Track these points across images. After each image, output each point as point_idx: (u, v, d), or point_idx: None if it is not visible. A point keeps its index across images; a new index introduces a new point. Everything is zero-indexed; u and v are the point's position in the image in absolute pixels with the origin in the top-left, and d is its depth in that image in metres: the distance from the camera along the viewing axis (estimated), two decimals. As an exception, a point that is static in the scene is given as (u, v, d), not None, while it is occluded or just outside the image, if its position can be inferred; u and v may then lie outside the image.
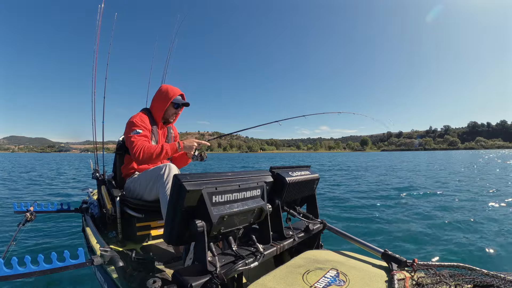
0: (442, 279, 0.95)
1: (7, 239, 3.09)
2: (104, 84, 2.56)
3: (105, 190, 1.92)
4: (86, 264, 1.10)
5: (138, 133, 1.68)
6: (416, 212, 4.61)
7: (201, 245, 0.96)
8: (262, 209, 1.17)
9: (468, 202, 5.41)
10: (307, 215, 1.60)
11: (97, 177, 2.28)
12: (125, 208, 1.70)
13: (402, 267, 1.12)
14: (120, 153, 1.93)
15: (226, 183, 1.04)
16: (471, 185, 7.92)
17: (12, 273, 1.01)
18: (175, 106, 1.90)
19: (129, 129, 1.72)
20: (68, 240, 3.23)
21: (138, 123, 1.73)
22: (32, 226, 3.38)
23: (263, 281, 0.96)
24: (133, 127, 1.71)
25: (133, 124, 1.73)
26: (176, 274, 0.92)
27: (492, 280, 0.92)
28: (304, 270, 1.04)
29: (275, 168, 1.41)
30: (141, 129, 1.71)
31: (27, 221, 2.11)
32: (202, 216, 0.95)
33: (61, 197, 6.50)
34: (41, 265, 1.03)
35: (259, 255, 1.10)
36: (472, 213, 4.51)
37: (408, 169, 14.97)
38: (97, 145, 2.76)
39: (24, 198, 6.20)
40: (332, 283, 0.93)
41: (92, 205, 2.16)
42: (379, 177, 11.04)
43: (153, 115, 1.90)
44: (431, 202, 5.48)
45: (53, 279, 2.18)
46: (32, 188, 8.06)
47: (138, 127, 1.71)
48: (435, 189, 7.15)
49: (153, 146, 1.64)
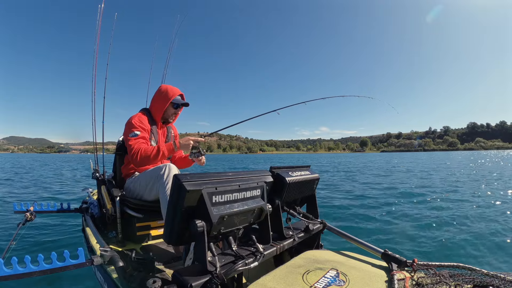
0: (442, 279, 0.95)
1: (7, 239, 3.09)
2: (104, 84, 2.56)
3: (105, 190, 1.92)
4: (86, 264, 1.10)
5: (136, 135, 1.68)
6: (415, 213, 4.61)
7: (201, 245, 0.96)
8: (262, 209, 1.17)
9: (468, 202, 5.41)
10: (307, 215, 1.60)
11: (97, 177, 2.28)
12: (125, 208, 1.70)
13: (402, 267, 1.12)
14: (120, 154, 1.93)
15: (226, 183, 1.04)
16: (472, 185, 7.93)
17: (12, 273, 1.01)
18: (174, 106, 1.90)
19: (128, 130, 1.72)
20: (68, 240, 3.22)
21: (136, 124, 1.73)
22: (32, 226, 3.39)
23: (263, 281, 0.96)
24: (131, 129, 1.71)
25: (131, 125, 1.73)
26: (176, 274, 0.92)
27: (492, 280, 0.92)
28: (304, 270, 1.04)
29: (275, 168, 1.42)
30: (139, 131, 1.71)
31: (27, 221, 2.11)
32: (202, 216, 0.95)
33: (62, 195, 6.51)
34: (41, 265, 1.03)
35: (259, 255, 1.10)
36: (471, 212, 4.52)
37: (405, 169, 14.98)
38: (97, 145, 2.76)
39: (23, 199, 6.19)
40: (332, 283, 0.93)
41: (92, 205, 2.16)
42: (377, 177, 11.04)
43: (153, 115, 1.90)
44: (431, 202, 5.48)
45: (53, 279, 2.18)
46: (32, 188, 8.05)
47: (136, 129, 1.71)
48: (436, 190, 7.16)
49: (150, 148, 1.63)
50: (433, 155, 58.99)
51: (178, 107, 1.93)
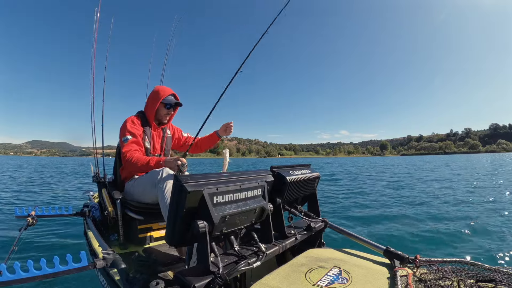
0: (444, 275, 0.95)
1: (9, 244, 3.09)
2: (103, 87, 2.56)
3: (106, 193, 1.92)
4: (89, 267, 1.10)
5: (128, 140, 1.71)
6: (419, 210, 4.61)
7: (203, 246, 0.96)
8: (264, 209, 1.17)
9: (469, 202, 5.41)
10: (308, 213, 1.60)
11: (98, 180, 2.28)
12: (126, 211, 1.70)
13: (405, 264, 1.12)
14: (120, 157, 1.93)
15: (227, 183, 1.04)
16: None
17: (15, 278, 1.00)
18: (166, 106, 1.90)
19: (121, 135, 1.75)
20: (70, 244, 3.23)
21: (128, 128, 1.75)
22: (34, 231, 3.39)
23: (266, 280, 0.96)
24: (125, 133, 1.73)
25: (124, 129, 1.75)
26: (178, 275, 0.92)
27: (495, 275, 0.92)
28: (307, 268, 1.04)
29: (276, 167, 1.42)
30: (131, 135, 1.73)
31: (28, 226, 2.10)
32: (203, 216, 0.95)
33: (65, 198, 6.51)
34: (44, 269, 1.03)
35: (262, 255, 1.10)
36: (472, 211, 4.52)
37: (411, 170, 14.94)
38: (97, 148, 2.75)
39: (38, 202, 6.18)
40: (335, 281, 0.93)
41: (93, 208, 2.16)
42: (384, 177, 11.05)
43: (147, 117, 1.90)
44: (435, 200, 5.48)
45: (56, 283, 2.18)
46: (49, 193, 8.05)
47: (129, 133, 1.73)
48: (438, 188, 7.16)
49: (141, 158, 1.64)
50: (454, 158, 57.43)
51: (171, 107, 1.92)
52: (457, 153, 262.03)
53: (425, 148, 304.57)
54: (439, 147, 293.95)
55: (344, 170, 16.87)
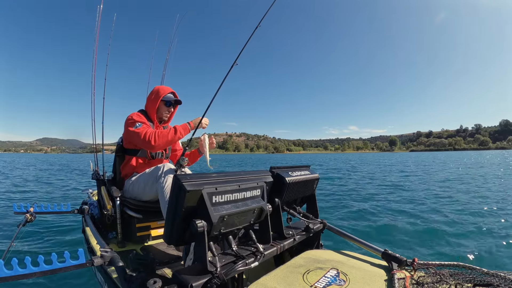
0: (442, 278, 0.95)
1: (7, 240, 3.09)
2: (104, 84, 2.56)
3: (105, 191, 1.91)
4: (87, 264, 1.10)
5: (140, 125, 1.72)
6: (416, 212, 4.61)
7: (201, 245, 0.96)
8: (262, 209, 1.17)
9: (469, 202, 5.41)
10: (307, 214, 1.60)
11: (97, 177, 2.28)
12: (125, 209, 1.69)
13: (402, 267, 1.12)
14: (119, 154, 1.93)
15: (226, 183, 1.04)
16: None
17: (13, 274, 1.00)
18: (166, 104, 1.93)
19: (131, 124, 1.74)
20: (68, 241, 3.22)
21: (136, 118, 1.77)
22: (32, 227, 3.38)
23: (264, 281, 0.96)
24: (135, 122, 1.74)
25: (132, 119, 1.76)
26: (176, 274, 0.92)
27: (492, 279, 0.92)
28: (305, 270, 1.04)
29: (275, 168, 1.42)
30: (141, 122, 1.75)
31: (27, 222, 2.11)
32: (202, 216, 0.95)
33: (64, 194, 6.50)
34: (41, 266, 1.03)
35: (259, 255, 1.10)
36: (471, 211, 4.52)
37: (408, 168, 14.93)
38: (97, 146, 2.75)
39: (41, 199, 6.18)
40: (332, 283, 0.93)
41: (92, 205, 2.16)
42: (381, 176, 11.05)
43: (149, 115, 1.92)
44: (433, 203, 5.48)
45: (53, 280, 2.18)
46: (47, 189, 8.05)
47: (138, 122, 1.75)
48: (438, 190, 7.16)
49: (165, 130, 1.69)
50: (463, 155, 56.33)
51: (171, 104, 1.95)
52: (467, 149, 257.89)
53: (435, 144, 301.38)
54: (448, 143, 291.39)
55: (348, 167, 16.80)
